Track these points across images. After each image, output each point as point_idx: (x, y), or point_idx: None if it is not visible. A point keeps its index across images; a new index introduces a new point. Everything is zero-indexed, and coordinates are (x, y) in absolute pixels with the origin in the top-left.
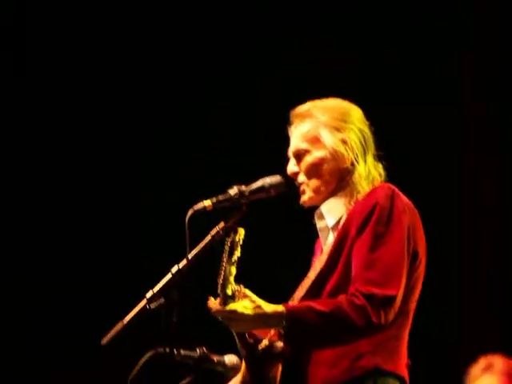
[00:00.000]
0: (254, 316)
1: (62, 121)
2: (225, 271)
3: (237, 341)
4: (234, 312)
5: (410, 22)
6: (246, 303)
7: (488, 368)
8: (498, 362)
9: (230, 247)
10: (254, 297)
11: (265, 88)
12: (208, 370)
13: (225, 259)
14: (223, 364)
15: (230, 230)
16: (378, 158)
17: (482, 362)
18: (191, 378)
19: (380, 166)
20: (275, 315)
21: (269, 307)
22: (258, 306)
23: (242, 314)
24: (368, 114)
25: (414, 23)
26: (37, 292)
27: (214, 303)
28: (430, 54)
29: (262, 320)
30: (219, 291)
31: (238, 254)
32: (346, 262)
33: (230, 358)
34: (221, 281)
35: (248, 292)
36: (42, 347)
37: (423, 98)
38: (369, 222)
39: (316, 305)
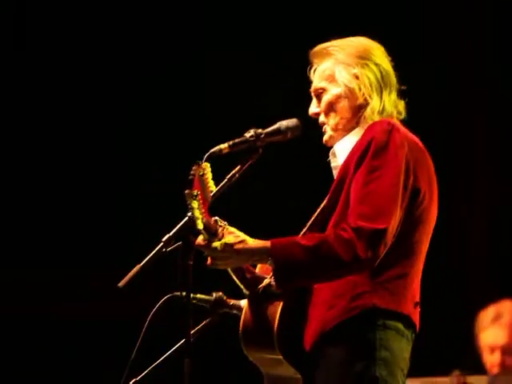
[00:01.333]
0: (237, 251)
1: (53, 118)
2: (190, 207)
3: (235, 279)
4: (215, 249)
5: None
6: (230, 239)
7: (496, 319)
8: (507, 311)
9: (188, 182)
10: (238, 232)
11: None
12: (225, 313)
13: (187, 195)
14: (239, 308)
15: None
16: (401, 94)
17: (491, 311)
18: (208, 321)
19: (402, 103)
20: (259, 250)
21: (254, 242)
22: (242, 241)
23: (224, 251)
24: None
25: None
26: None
27: (199, 240)
28: None
29: (246, 255)
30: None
31: (210, 187)
32: (345, 199)
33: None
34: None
35: (232, 228)
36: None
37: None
38: (365, 157)
39: (302, 239)
